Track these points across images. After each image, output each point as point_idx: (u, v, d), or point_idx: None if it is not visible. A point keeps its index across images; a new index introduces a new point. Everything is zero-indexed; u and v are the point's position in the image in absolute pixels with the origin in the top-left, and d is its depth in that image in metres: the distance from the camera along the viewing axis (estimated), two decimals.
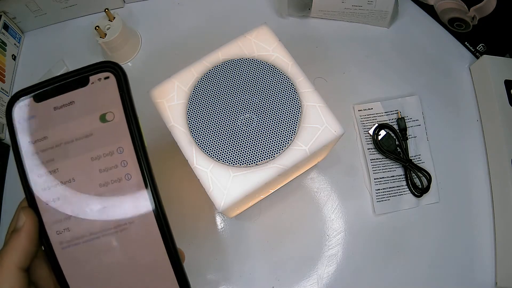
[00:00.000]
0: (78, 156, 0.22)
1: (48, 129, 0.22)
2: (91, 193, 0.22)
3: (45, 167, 0.22)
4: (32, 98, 0.23)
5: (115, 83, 0.23)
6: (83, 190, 0.22)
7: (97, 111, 0.23)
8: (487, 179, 0.49)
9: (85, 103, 0.23)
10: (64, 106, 0.23)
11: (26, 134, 0.22)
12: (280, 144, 0.33)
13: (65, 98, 0.23)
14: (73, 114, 0.23)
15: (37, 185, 0.22)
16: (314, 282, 0.45)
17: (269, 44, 0.36)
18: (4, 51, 0.54)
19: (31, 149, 0.22)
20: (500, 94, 0.48)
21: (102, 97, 0.23)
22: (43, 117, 0.23)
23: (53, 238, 0.22)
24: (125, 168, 0.22)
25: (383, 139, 0.49)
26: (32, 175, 0.22)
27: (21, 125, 0.22)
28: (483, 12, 0.48)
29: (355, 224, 0.47)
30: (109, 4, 0.56)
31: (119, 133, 0.22)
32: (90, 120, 0.22)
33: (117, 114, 0.23)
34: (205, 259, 0.46)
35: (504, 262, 0.45)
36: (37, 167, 0.22)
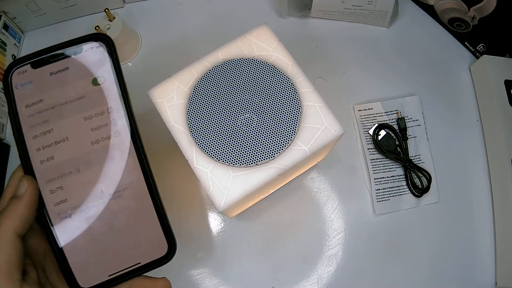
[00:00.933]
0: (71, 116, 0.24)
1: (44, 92, 0.24)
2: (84, 150, 0.24)
3: (41, 127, 0.24)
4: (29, 64, 0.24)
5: (105, 51, 0.26)
6: (76, 147, 0.24)
7: (89, 75, 0.25)
8: (487, 179, 0.49)
9: (78, 69, 0.25)
10: (60, 72, 0.25)
11: (23, 98, 0.24)
12: (280, 144, 0.33)
13: (61, 64, 0.25)
14: (67, 78, 0.25)
15: (32, 147, 0.24)
16: (314, 282, 0.45)
17: (269, 44, 0.36)
18: (4, 51, 0.54)
19: (28, 112, 0.24)
20: (500, 94, 0.48)
21: (94, 63, 0.25)
22: (40, 82, 0.24)
23: (48, 199, 0.23)
24: (115, 126, 0.25)
25: (383, 139, 0.49)
26: (28, 137, 0.24)
27: (19, 90, 0.24)
28: (483, 12, 0.48)
29: (355, 224, 0.47)
30: (109, 4, 0.56)
31: (109, 95, 0.25)
32: (83, 84, 0.25)
33: (107, 78, 0.25)
34: (205, 259, 0.46)
35: (504, 262, 0.45)
36: (33, 129, 0.24)
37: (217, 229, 0.47)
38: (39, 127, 0.24)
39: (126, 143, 0.25)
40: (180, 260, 0.46)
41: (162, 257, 0.24)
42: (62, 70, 0.25)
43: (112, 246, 0.24)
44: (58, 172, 0.24)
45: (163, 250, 0.24)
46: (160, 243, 0.24)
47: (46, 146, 0.24)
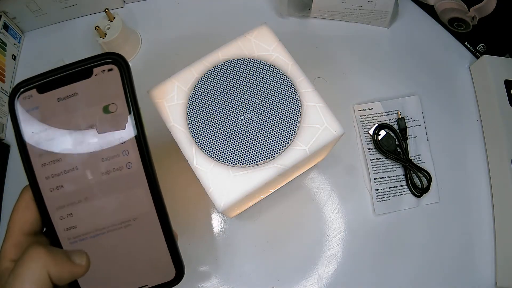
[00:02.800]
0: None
1: (52, 119, 0.23)
2: (94, 180, 0.23)
3: (49, 156, 0.22)
4: (35, 89, 0.22)
5: (118, 75, 0.23)
6: (86, 177, 0.23)
7: (100, 102, 0.23)
8: (487, 179, 0.49)
9: (88, 95, 0.23)
10: (68, 97, 0.23)
11: (29, 124, 0.22)
12: (280, 144, 0.33)
13: (69, 89, 0.23)
14: (76, 105, 0.23)
15: (41, 175, 0.22)
16: (314, 282, 0.45)
17: (269, 44, 0.36)
18: (4, 51, 0.54)
19: (35, 140, 0.22)
20: (500, 94, 0.48)
21: (105, 88, 0.23)
22: (47, 108, 0.23)
23: (58, 225, 0.23)
24: (126, 157, 0.23)
25: (383, 139, 0.49)
26: (36, 165, 0.22)
27: (24, 116, 0.22)
28: (483, 12, 0.48)
29: (355, 224, 0.47)
30: (109, 4, 0.56)
31: (122, 125, 0.23)
32: (93, 111, 0.23)
33: (120, 106, 0.23)
34: (205, 259, 0.46)
35: (504, 262, 0.45)
36: (40, 157, 0.22)
37: (217, 229, 0.47)
38: (46, 156, 0.23)
39: (138, 174, 0.23)
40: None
41: (169, 281, 0.24)
42: (71, 96, 0.23)
43: (120, 270, 0.24)
44: (67, 200, 0.23)
45: (170, 275, 0.24)
46: (168, 268, 0.24)
47: (55, 175, 0.23)
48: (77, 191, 0.23)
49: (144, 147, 0.23)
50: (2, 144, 0.52)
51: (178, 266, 0.24)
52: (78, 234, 0.23)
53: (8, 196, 0.50)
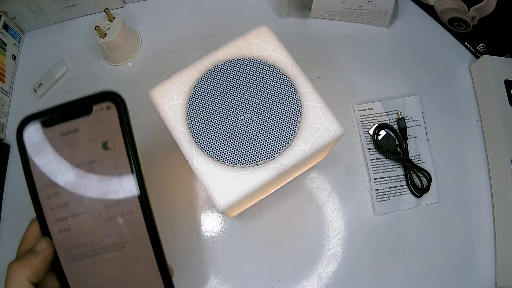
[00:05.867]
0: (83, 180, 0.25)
1: (55, 153, 0.24)
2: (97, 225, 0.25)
3: (53, 188, 0.24)
4: (40, 123, 0.24)
5: (116, 113, 0.24)
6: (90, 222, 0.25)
7: (99, 138, 0.24)
8: (487, 179, 0.49)
9: (88, 131, 0.24)
10: (70, 133, 0.24)
11: (36, 156, 0.24)
12: (280, 144, 0.33)
13: (71, 125, 0.24)
14: (78, 140, 0.24)
15: (47, 208, 0.24)
16: (314, 282, 0.45)
17: (269, 44, 0.36)
18: (4, 51, 0.54)
19: (41, 171, 0.24)
20: (500, 94, 0.48)
21: (104, 125, 0.24)
22: (51, 142, 0.24)
23: (62, 257, 0.25)
24: (124, 192, 0.25)
25: (383, 139, 0.49)
26: (42, 196, 0.24)
27: (31, 148, 0.24)
28: (483, 12, 0.48)
29: (355, 224, 0.47)
30: (109, 4, 0.56)
31: (119, 160, 0.24)
32: (93, 147, 0.24)
33: (117, 142, 0.24)
34: (205, 259, 0.46)
35: (504, 262, 0.45)
36: (46, 188, 0.24)
37: (217, 229, 0.47)
38: (52, 187, 0.24)
39: (136, 212, 0.25)
40: (180, 259, 0.46)
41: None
42: (72, 131, 0.24)
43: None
44: (74, 242, 0.25)
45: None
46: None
47: (63, 219, 0.24)
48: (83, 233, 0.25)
49: (140, 183, 0.25)
50: (2, 144, 0.52)
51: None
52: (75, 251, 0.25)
53: (8, 196, 0.50)
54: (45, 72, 0.55)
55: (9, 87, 0.55)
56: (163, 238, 0.25)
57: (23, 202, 0.50)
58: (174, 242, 0.47)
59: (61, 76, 0.55)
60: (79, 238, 0.25)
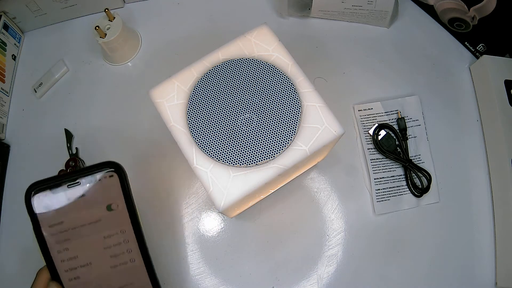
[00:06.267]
0: (90, 236, 0.28)
1: (64, 215, 0.28)
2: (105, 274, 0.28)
3: (64, 245, 0.28)
4: (48, 189, 0.28)
5: (117, 180, 0.29)
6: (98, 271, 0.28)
7: (103, 202, 0.28)
8: (487, 179, 0.49)
9: (93, 196, 0.28)
10: (77, 198, 0.28)
11: (45, 219, 0.28)
12: (280, 144, 0.33)
13: (77, 191, 0.28)
14: (84, 204, 0.28)
15: (57, 260, 0.28)
16: (314, 282, 0.45)
17: (269, 44, 0.36)
18: (4, 51, 0.54)
19: (51, 231, 0.28)
20: (500, 94, 0.48)
21: (107, 191, 0.28)
22: (59, 205, 0.28)
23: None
24: (127, 244, 0.29)
25: (383, 139, 0.49)
26: (53, 252, 0.28)
27: (40, 211, 0.28)
28: (483, 12, 0.48)
29: (355, 224, 0.47)
30: (109, 4, 0.56)
31: (122, 220, 0.29)
32: (98, 209, 0.28)
33: (120, 205, 0.29)
34: (205, 259, 0.46)
35: (504, 262, 0.45)
36: (57, 245, 0.28)
37: (217, 229, 0.47)
38: (62, 244, 0.28)
39: (137, 260, 0.29)
40: (180, 259, 0.46)
41: None
42: (79, 196, 0.28)
43: None
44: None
45: None
46: None
47: (73, 269, 0.28)
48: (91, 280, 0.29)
49: (140, 237, 0.29)
50: (2, 144, 0.52)
51: None
52: None
53: (8, 195, 0.50)
54: (45, 72, 0.55)
55: (9, 87, 0.55)
56: (164, 238, 0.26)
57: (22, 202, 0.50)
58: (174, 242, 0.47)
59: (61, 76, 0.55)
60: (88, 284, 0.28)
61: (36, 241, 0.28)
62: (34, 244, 0.28)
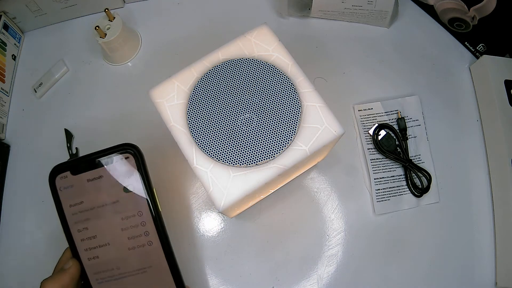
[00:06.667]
0: (108, 217, 0.29)
1: (83, 196, 0.29)
2: (122, 254, 0.29)
3: (83, 224, 0.29)
4: (69, 171, 0.29)
5: (134, 162, 0.29)
6: (116, 251, 0.29)
7: (121, 184, 0.29)
8: (487, 179, 0.49)
9: (111, 178, 0.29)
10: (95, 179, 0.29)
11: (66, 199, 0.29)
12: (280, 144, 0.33)
13: (95, 173, 0.29)
14: (102, 186, 0.29)
15: (77, 239, 0.29)
16: (314, 282, 0.45)
17: (269, 44, 0.36)
18: (4, 51, 0.54)
19: (72, 211, 0.29)
20: (500, 94, 0.48)
21: (124, 172, 0.29)
22: (79, 187, 0.29)
23: (92, 279, 0.29)
24: (144, 227, 0.29)
25: (383, 139, 0.49)
26: (75, 234, 0.29)
27: (62, 192, 0.29)
28: (483, 12, 0.48)
29: (355, 224, 0.47)
30: (109, 4, 0.56)
31: (140, 201, 0.29)
32: (116, 191, 0.29)
33: (136, 187, 0.29)
34: (205, 259, 0.46)
35: (504, 262, 0.45)
36: (77, 224, 0.29)
37: (217, 229, 0.47)
38: (81, 223, 0.29)
39: (155, 242, 0.29)
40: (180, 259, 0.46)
41: None
42: (97, 178, 0.29)
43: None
44: (102, 267, 0.29)
45: None
46: None
47: (92, 248, 0.29)
48: (109, 261, 0.29)
49: (157, 217, 0.29)
50: (2, 144, 0.52)
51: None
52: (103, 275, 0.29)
53: (8, 196, 0.50)
54: (45, 72, 0.55)
55: (9, 87, 0.55)
56: None
57: (22, 202, 0.50)
58: (174, 242, 0.46)
59: (61, 76, 0.55)
60: (107, 264, 0.29)
61: (60, 221, 0.29)
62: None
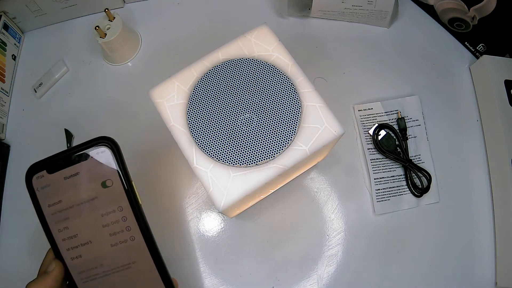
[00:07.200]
0: (88, 215, 0.28)
1: (61, 194, 0.28)
2: (105, 251, 0.28)
3: (64, 223, 0.28)
4: (45, 170, 0.28)
5: (111, 156, 0.28)
6: (98, 249, 0.28)
7: (98, 179, 0.28)
8: (487, 179, 0.49)
9: (87, 174, 0.28)
10: (72, 176, 0.28)
11: (44, 199, 0.28)
12: (280, 144, 0.33)
13: (72, 170, 0.28)
14: (79, 182, 0.28)
15: (59, 239, 0.28)
16: (314, 282, 0.45)
17: (269, 44, 0.36)
18: (4, 51, 0.54)
19: (51, 210, 0.28)
20: (500, 94, 0.48)
21: (101, 168, 0.28)
22: (56, 185, 0.28)
23: (77, 279, 0.28)
24: (125, 223, 0.28)
25: (383, 139, 0.49)
26: (54, 231, 0.28)
27: (40, 192, 0.28)
28: (483, 12, 0.48)
29: (355, 224, 0.47)
30: (109, 4, 0.56)
31: (119, 196, 0.28)
32: (94, 187, 0.28)
33: (115, 181, 0.28)
34: (205, 259, 0.46)
35: (504, 262, 0.45)
36: (58, 224, 0.28)
37: (217, 229, 0.47)
38: (61, 223, 0.28)
39: (137, 237, 0.28)
40: (180, 259, 0.46)
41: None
42: (74, 175, 0.28)
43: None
44: (86, 266, 0.28)
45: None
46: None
47: (74, 247, 0.28)
48: (93, 259, 0.29)
49: (138, 212, 0.28)
50: (2, 144, 0.52)
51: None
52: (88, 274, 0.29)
53: (8, 195, 0.50)
54: (45, 72, 0.55)
55: (9, 87, 0.55)
56: (164, 238, 0.26)
57: (23, 202, 0.50)
58: (174, 242, 0.47)
59: (61, 76, 0.55)
60: (90, 263, 0.28)
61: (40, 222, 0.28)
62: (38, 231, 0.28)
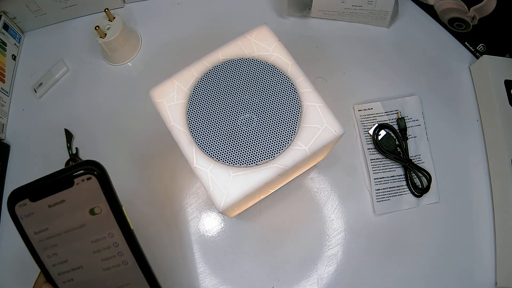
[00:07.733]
0: (77, 242, 0.27)
1: (48, 222, 0.27)
2: (97, 275, 0.28)
3: (52, 250, 0.27)
4: (27, 198, 0.26)
5: (97, 182, 0.26)
6: (90, 274, 0.28)
7: (85, 207, 0.26)
8: (487, 179, 0.49)
9: (74, 201, 0.26)
10: (57, 204, 0.26)
11: (30, 226, 0.27)
12: (280, 144, 0.33)
13: (56, 197, 0.26)
14: (65, 210, 0.26)
15: (48, 265, 0.27)
16: (314, 282, 0.45)
17: (269, 44, 0.36)
18: (4, 51, 0.54)
19: (38, 238, 0.27)
20: (500, 94, 0.48)
21: (87, 195, 0.26)
22: (41, 213, 0.26)
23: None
24: (117, 248, 0.27)
25: (383, 139, 0.49)
26: (43, 257, 0.27)
27: (24, 220, 0.27)
28: (483, 12, 0.48)
29: (355, 224, 0.47)
30: (109, 4, 0.56)
31: (108, 223, 0.27)
32: (81, 215, 0.26)
33: (103, 208, 0.26)
34: (205, 259, 0.46)
35: (504, 262, 0.45)
36: (45, 250, 0.27)
37: (217, 229, 0.47)
38: (50, 249, 0.27)
39: (130, 261, 0.28)
40: (180, 259, 0.46)
41: None
42: (59, 202, 0.26)
43: None
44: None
45: None
46: None
47: (65, 272, 0.27)
48: (85, 282, 0.28)
49: (130, 237, 0.27)
50: (2, 144, 0.52)
51: None
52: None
53: (8, 196, 0.50)
54: (45, 72, 0.55)
55: (9, 87, 0.55)
56: (164, 238, 0.26)
57: None
58: (173, 242, 0.47)
59: (61, 76, 0.55)
60: (83, 285, 0.28)
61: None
62: None
